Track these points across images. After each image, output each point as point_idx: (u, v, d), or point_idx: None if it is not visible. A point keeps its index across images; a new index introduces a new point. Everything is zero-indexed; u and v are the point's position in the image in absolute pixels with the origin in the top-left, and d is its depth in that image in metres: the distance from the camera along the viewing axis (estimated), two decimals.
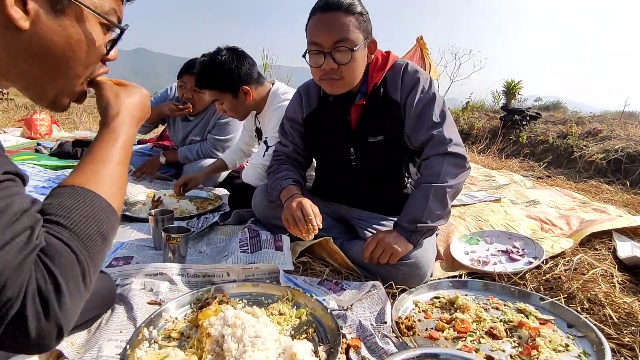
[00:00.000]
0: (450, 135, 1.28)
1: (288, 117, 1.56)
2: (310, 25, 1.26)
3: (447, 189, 1.24)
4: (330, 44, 1.21)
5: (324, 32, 1.21)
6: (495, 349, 0.96)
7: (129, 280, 1.20)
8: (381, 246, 1.24)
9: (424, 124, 1.29)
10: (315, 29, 1.23)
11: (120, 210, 0.66)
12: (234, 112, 1.88)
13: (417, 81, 1.32)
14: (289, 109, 1.57)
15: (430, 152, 1.29)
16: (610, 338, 1.02)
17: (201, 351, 0.89)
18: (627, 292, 1.26)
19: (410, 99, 1.31)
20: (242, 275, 1.27)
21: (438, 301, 1.18)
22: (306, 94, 1.50)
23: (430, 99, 1.31)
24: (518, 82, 7.65)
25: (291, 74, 7.75)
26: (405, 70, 1.34)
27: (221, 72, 1.76)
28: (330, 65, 1.22)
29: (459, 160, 1.28)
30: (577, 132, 4.86)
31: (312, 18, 1.25)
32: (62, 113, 6.68)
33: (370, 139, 1.37)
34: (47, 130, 4.41)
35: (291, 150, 1.55)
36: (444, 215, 1.27)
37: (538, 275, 1.37)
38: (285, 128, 1.57)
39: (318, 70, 1.26)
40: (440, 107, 1.32)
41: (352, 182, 1.50)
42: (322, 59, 1.23)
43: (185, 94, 2.40)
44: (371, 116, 1.36)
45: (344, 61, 1.22)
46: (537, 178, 3.32)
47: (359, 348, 0.95)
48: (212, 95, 1.85)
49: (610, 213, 2.10)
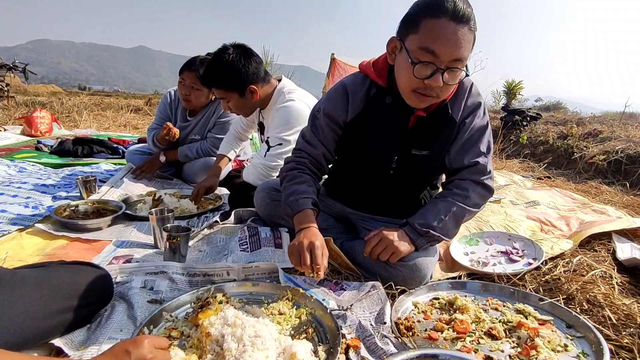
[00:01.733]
0: (490, 168, 1.30)
1: (327, 114, 1.34)
2: (428, 27, 1.06)
3: (467, 213, 1.27)
4: (448, 60, 1.06)
5: (449, 45, 1.04)
6: (495, 349, 0.96)
7: (130, 278, 1.20)
8: (384, 243, 1.23)
9: (472, 150, 1.28)
10: (439, 37, 1.04)
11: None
12: (240, 110, 1.87)
13: (478, 105, 1.28)
14: (329, 105, 1.35)
15: (467, 177, 1.29)
16: (609, 339, 1.02)
17: (201, 350, 0.89)
18: (626, 294, 1.26)
19: (468, 121, 1.27)
20: (242, 274, 1.27)
21: (437, 302, 1.19)
22: (353, 92, 1.32)
23: (484, 127, 1.29)
24: (519, 82, 7.66)
25: (292, 72, 7.74)
26: (470, 92, 1.28)
27: (228, 71, 1.74)
28: (438, 83, 1.08)
29: (487, 193, 1.31)
30: (578, 133, 4.86)
31: (435, 21, 1.05)
32: (62, 111, 6.68)
33: (414, 151, 1.31)
34: (47, 128, 4.41)
35: (319, 153, 1.38)
36: (453, 234, 1.30)
37: (537, 277, 1.37)
38: (319, 124, 1.37)
39: (417, 81, 1.10)
40: (489, 137, 1.31)
41: (380, 189, 1.44)
42: (430, 72, 1.08)
43: (184, 90, 2.39)
44: (425, 130, 1.29)
45: (453, 82, 1.10)
46: (537, 179, 3.32)
47: (359, 348, 0.95)
48: (218, 93, 1.83)
49: (610, 214, 2.11)
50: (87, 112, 6.66)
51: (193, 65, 2.31)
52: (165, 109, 2.61)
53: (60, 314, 0.91)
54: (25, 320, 0.84)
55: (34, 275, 0.94)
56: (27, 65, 7.87)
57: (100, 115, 6.80)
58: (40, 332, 0.87)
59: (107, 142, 3.57)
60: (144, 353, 0.74)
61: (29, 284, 0.90)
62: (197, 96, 2.42)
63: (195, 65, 2.30)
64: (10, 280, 0.88)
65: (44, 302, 0.89)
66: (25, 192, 2.13)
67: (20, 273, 0.93)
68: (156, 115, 2.66)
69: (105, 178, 2.51)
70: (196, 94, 2.41)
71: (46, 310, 0.88)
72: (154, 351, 0.76)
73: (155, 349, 0.77)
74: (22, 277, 0.91)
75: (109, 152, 3.45)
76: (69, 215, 1.78)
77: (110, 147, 3.49)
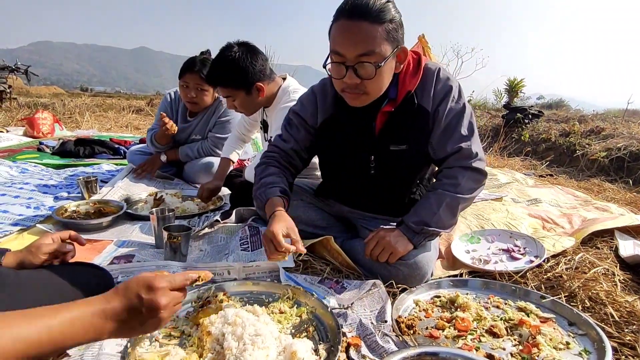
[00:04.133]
0: (476, 150, 1.26)
1: (299, 115, 1.42)
2: (333, 31, 1.13)
3: (462, 201, 1.25)
4: (354, 56, 1.09)
5: (347, 43, 1.09)
6: (496, 347, 0.96)
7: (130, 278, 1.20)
8: (381, 244, 1.24)
9: (453, 136, 1.25)
10: (338, 37, 1.10)
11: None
12: (245, 108, 1.84)
13: (449, 90, 1.25)
14: (300, 107, 1.43)
15: (454, 164, 1.26)
16: (612, 337, 1.01)
17: (202, 349, 0.89)
18: (629, 291, 1.26)
19: (441, 108, 1.24)
20: (243, 273, 1.27)
21: (439, 300, 1.18)
22: (322, 97, 1.37)
23: (460, 110, 1.25)
24: (520, 80, 7.62)
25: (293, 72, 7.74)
26: (437, 77, 1.25)
27: (235, 70, 1.71)
28: (352, 80, 1.12)
29: (480, 176, 1.28)
30: (580, 130, 4.83)
31: (336, 24, 1.11)
32: (64, 112, 6.70)
33: (392, 147, 1.30)
34: (49, 129, 4.43)
35: (290, 147, 1.42)
36: (450, 225, 1.28)
37: (539, 274, 1.36)
38: (292, 123, 1.43)
39: (340, 82, 1.17)
40: (469, 119, 1.27)
41: (366, 189, 1.43)
42: (344, 71, 1.13)
43: (188, 93, 2.36)
44: (397, 124, 1.27)
45: (368, 77, 1.12)
46: (539, 176, 3.31)
47: (359, 346, 0.95)
48: (224, 92, 1.79)
49: (613, 212, 2.09)
50: (88, 113, 6.67)
51: (195, 67, 2.28)
52: (165, 109, 2.60)
53: None
54: None
55: (36, 275, 0.94)
56: (29, 67, 7.91)
57: (102, 116, 6.82)
58: None
59: (108, 142, 3.58)
60: (158, 301, 0.69)
61: (32, 284, 0.90)
62: (203, 97, 2.40)
63: (197, 66, 2.27)
64: (13, 280, 0.88)
65: (47, 303, 0.89)
66: (27, 192, 2.13)
67: (23, 274, 0.93)
68: (157, 116, 2.64)
69: (107, 178, 2.52)
70: (202, 95, 2.39)
71: None
72: (168, 294, 0.71)
73: (170, 293, 0.72)
74: (24, 278, 0.91)
75: (111, 152, 3.46)
76: (70, 215, 1.79)
77: (111, 148, 3.50)
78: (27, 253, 0.97)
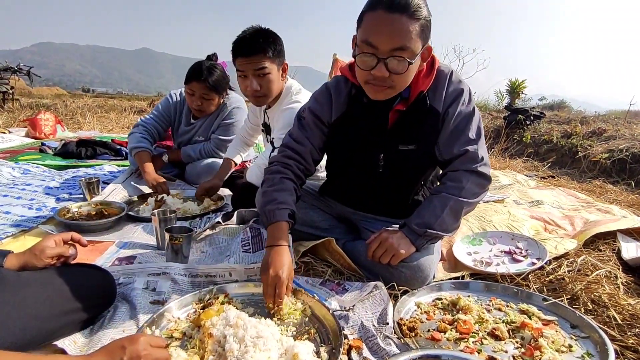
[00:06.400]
0: (482, 154, 1.27)
1: (314, 112, 1.38)
2: (367, 20, 1.11)
3: (465, 205, 1.25)
4: (388, 49, 1.08)
5: (383, 35, 1.07)
6: (498, 349, 0.96)
7: (132, 280, 1.21)
8: (384, 246, 1.24)
9: (460, 139, 1.26)
10: (374, 28, 1.09)
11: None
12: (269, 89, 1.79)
13: (460, 92, 1.26)
14: (314, 103, 1.39)
15: (459, 167, 1.27)
16: (614, 340, 1.01)
17: (203, 351, 0.89)
18: (632, 294, 1.25)
19: (451, 110, 1.25)
20: (244, 275, 1.27)
21: (440, 302, 1.18)
22: (337, 94, 1.36)
23: (470, 113, 1.26)
24: (522, 81, 7.62)
25: (294, 73, 7.74)
26: (450, 80, 1.26)
27: (276, 39, 1.75)
28: (382, 73, 1.11)
29: (484, 181, 1.28)
30: (582, 131, 4.83)
31: (371, 13, 1.09)
32: (66, 113, 6.72)
33: (401, 147, 1.30)
34: (51, 130, 4.44)
35: (306, 150, 1.38)
36: (454, 229, 1.28)
37: (541, 277, 1.36)
38: (305, 122, 1.39)
39: (366, 73, 1.15)
40: (477, 123, 1.28)
41: (373, 188, 1.43)
42: (374, 63, 1.11)
43: (194, 101, 2.36)
44: (408, 123, 1.28)
45: (399, 71, 1.11)
46: (541, 178, 3.30)
47: (361, 349, 0.95)
48: (262, 61, 1.73)
49: (615, 213, 2.09)
50: (90, 114, 6.69)
51: (202, 76, 2.27)
52: (168, 109, 2.58)
53: (63, 315, 0.92)
54: (30, 322, 0.84)
55: (38, 276, 0.94)
56: (32, 68, 7.94)
57: (104, 117, 6.84)
58: (44, 333, 0.88)
59: (110, 143, 3.59)
60: (138, 349, 0.74)
61: (34, 286, 0.90)
62: (208, 105, 2.42)
63: (204, 75, 2.27)
64: (15, 281, 0.88)
65: (48, 304, 0.90)
66: (29, 193, 2.14)
67: (25, 275, 0.93)
68: (156, 111, 2.57)
69: (109, 179, 2.52)
70: (208, 103, 2.40)
71: (50, 312, 0.89)
72: (149, 348, 0.76)
73: (150, 347, 0.77)
74: (26, 279, 0.91)
75: (112, 153, 3.46)
76: (72, 216, 1.79)
77: (113, 149, 3.51)
78: (30, 256, 0.98)
